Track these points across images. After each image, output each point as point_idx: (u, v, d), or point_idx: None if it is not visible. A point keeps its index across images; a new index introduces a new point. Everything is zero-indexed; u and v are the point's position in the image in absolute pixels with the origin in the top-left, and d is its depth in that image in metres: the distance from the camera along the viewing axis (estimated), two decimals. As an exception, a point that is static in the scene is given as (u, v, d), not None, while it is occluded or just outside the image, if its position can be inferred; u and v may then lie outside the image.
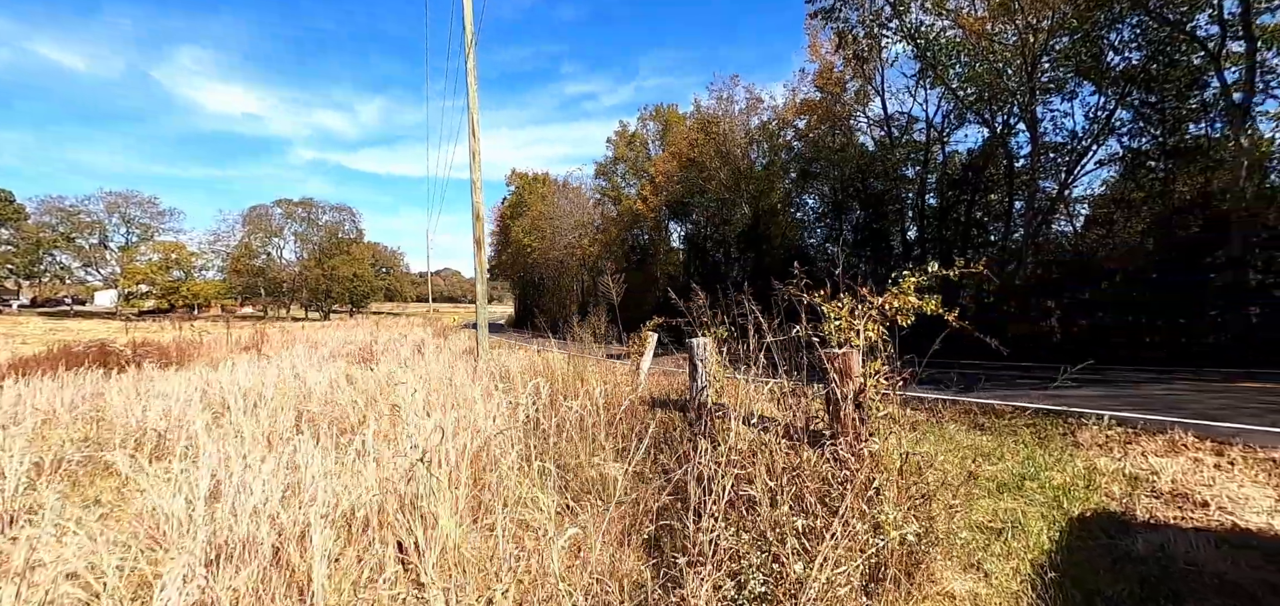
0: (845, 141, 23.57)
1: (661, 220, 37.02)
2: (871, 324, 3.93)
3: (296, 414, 7.38)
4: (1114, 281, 15.21)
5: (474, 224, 15.15)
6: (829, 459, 3.39)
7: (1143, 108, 15.22)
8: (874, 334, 3.91)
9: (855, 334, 3.87)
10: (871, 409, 3.66)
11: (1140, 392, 8.91)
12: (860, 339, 3.84)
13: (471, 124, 15.09)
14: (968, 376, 11.87)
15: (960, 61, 17.83)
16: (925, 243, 20.57)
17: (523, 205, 63.96)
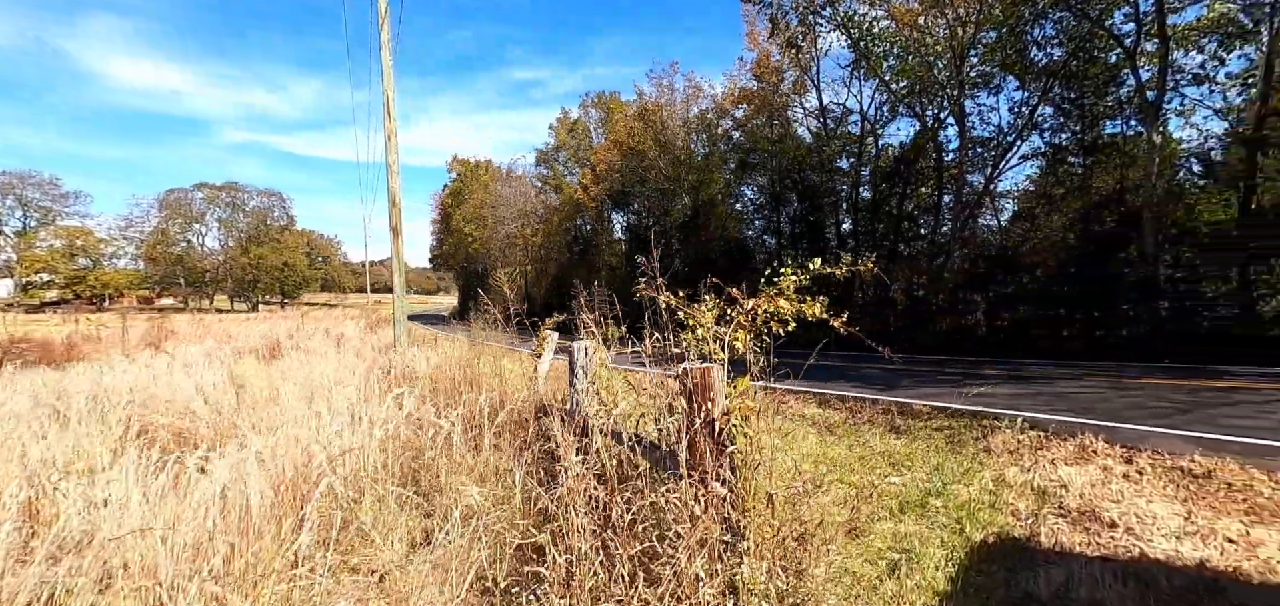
0: (783, 132, 23.33)
1: (603, 210, 36.20)
2: (741, 332, 3.29)
3: (140, 427, 6.30)
4: (1035, 276, 15.42)
5: (390, 210, 14.06)
6: (676, 501, 2.73)
7: (1063, 103, 15.45)
8: (744, 344, 3.27)
9: (719, 346, 3.22)
10: (739, 435, 3.03)
11: (1056, 390, 8.77)
12: (724, 352, 3.19)
13: (387, 104, 13.95)
14: (893, 372, 11.67)
15: (893, 54, 17.73)
16: (859, 235, 20.55)
17: (464, 193, 61.85)
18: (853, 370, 12.74)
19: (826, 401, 9.22)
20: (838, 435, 7.22)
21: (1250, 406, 6.93)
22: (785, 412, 8.71)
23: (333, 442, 5.05)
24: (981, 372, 11.19)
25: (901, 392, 9.43)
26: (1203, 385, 8.48)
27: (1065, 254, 15.00)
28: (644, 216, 33.61)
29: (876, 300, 19.49)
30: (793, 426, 7.77)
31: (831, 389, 10.29)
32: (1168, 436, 5.83)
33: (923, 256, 18.42)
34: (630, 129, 29.17)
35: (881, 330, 18.01)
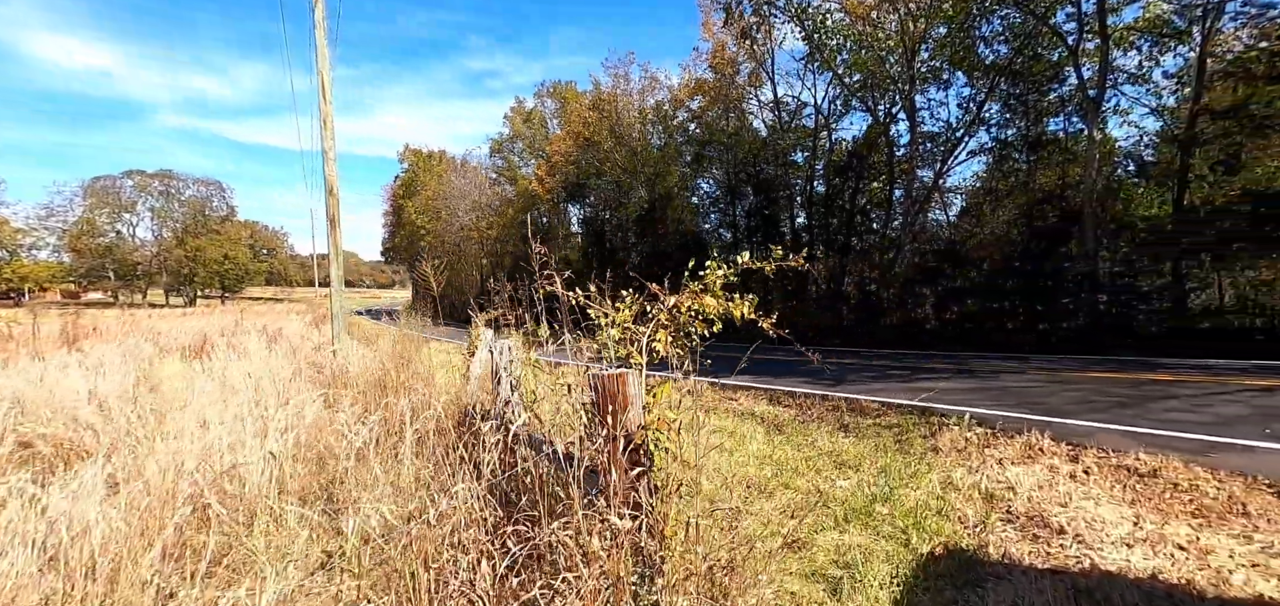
0: (738, 125, 23.18)
1: (559, 202, 35.49)
2: (662, 332, 2.90)
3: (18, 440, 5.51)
4: (982, 270, 15.65)
5: (327, 199, 13.21)
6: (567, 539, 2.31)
7: (1009, 99, 15.70)
8: (665, 346, 2.88)
9: (637, 350, 2.82)
10: (659, 451, 2.63)
11: (1002, 384, 8.74)
12: (643, 355, 2.79)
13: (322, 86, 13.06)
14: (845, 367, 11.57)
15: (846, 47, 17.72)
16: (814, 229, 20.58)
17: (417, 184, 59.99)
18: (804, 363, 12.60)
19: (777, 398, 9.00)
20: (786, 434, 6.97)
21: (1186, 400, 6.97)
22: (734, 410, 8.44)
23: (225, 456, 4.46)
24: (931, 366, 11.19)
25: (852, 388, 9.28)
26: (1142, 378, 8.59)
27: (1010, 248, 15.26)
28: (600, 209, 33.09)
29: (830, 294, 19.55)
30: (740, 425, 7.51)
31: (783, 384, 10.09)
32: (1112, 432, 5.76)
33: (875, 251, 18.54)
34: (585, 120, 28.56)
35: (835, 324, 18.07)
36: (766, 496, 4.95)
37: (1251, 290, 11.75)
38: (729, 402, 9.11)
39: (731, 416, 7.98)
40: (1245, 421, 5.79)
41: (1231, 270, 12.02)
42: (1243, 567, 3.22)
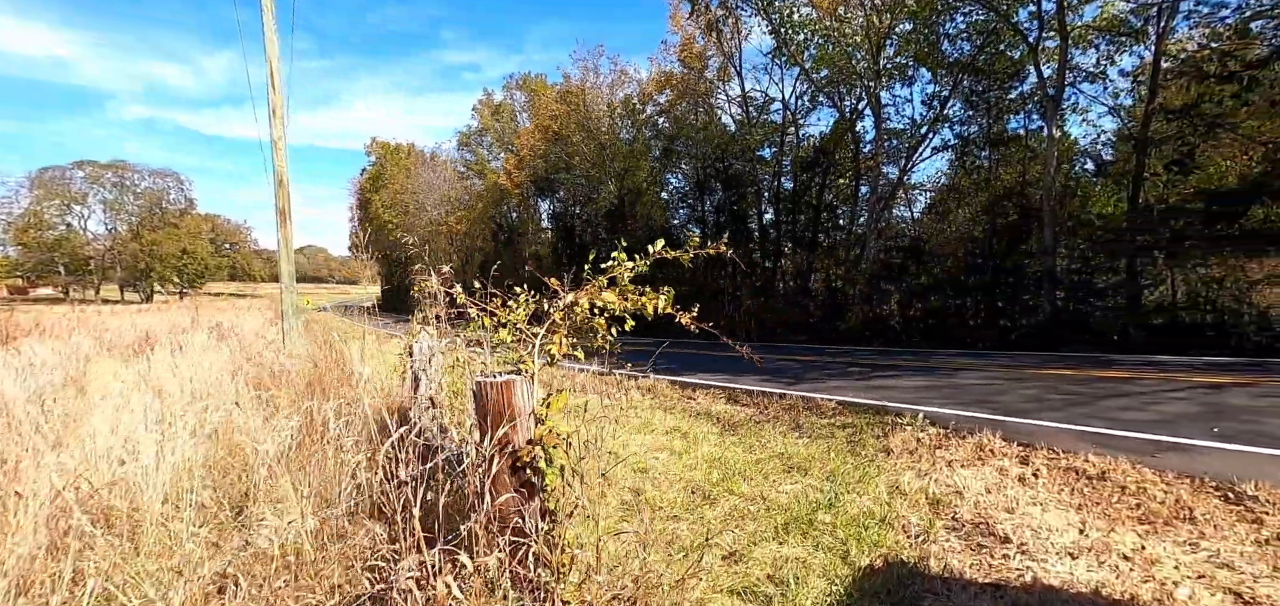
0: (707, 120, 22.98)
1: (528, 197, 34.93)
2: (559, 333, 2.60)
3: None
4: (945, 266, 15.71)
5: (276, 191, 12.62)
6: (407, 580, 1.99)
7: (972, 96, 15.77)
8: (560, 349, 2.58)
9: (529, 353, 2.52)
10: (552, 471, 2.33)
11: (959, 382, 8.66)
12: (534, 361, 2.49)
13: (270, 73, 12.48)
14: (807, 365, 11.44)
15: (813, 42, 17.62)
16: (781, 225, 20.50)
17: (384, 178, 58.67)
18: (767, 361, 12.46)
19: (736, 396, 8.78)
20: (740, 434, 6.74)
21: (1138, 397, 6.94)
22: (692, 409, 8.21)
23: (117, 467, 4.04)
24: (892, 364, 11.11)
25: (811, 386, 9.13)
26: (1096, 375, 8.58)
27: (972, 245, 15.34)
28: (570, 204, 32.65)
29: (798, 291, 19.49)
30: (695, 425, 7.27)
31: (744, 382, 9.91)
32: (1063, 431, 5.65)
33: (841, 247, 18.52)
34: (553, 112, 28.07)
35: (802, 321, 18.00)
36: (710, 503, 4.70)
37: (1202, 287, 11.95)
38: (687, 402, 8.88)
39: (687, 416, 7.75)
40: (1193, 420, 5.73)
41: (1183, 267, 12.21)
42: (1188, 580, 3.05)
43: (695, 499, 4.79)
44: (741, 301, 19.95)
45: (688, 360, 13.33)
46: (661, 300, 3.02)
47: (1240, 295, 11.35)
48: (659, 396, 9.46)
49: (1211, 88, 11.30)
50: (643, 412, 8.06)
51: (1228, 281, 11.70)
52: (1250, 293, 11.31)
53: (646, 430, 7.10)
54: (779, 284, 20.11)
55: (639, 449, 6.14)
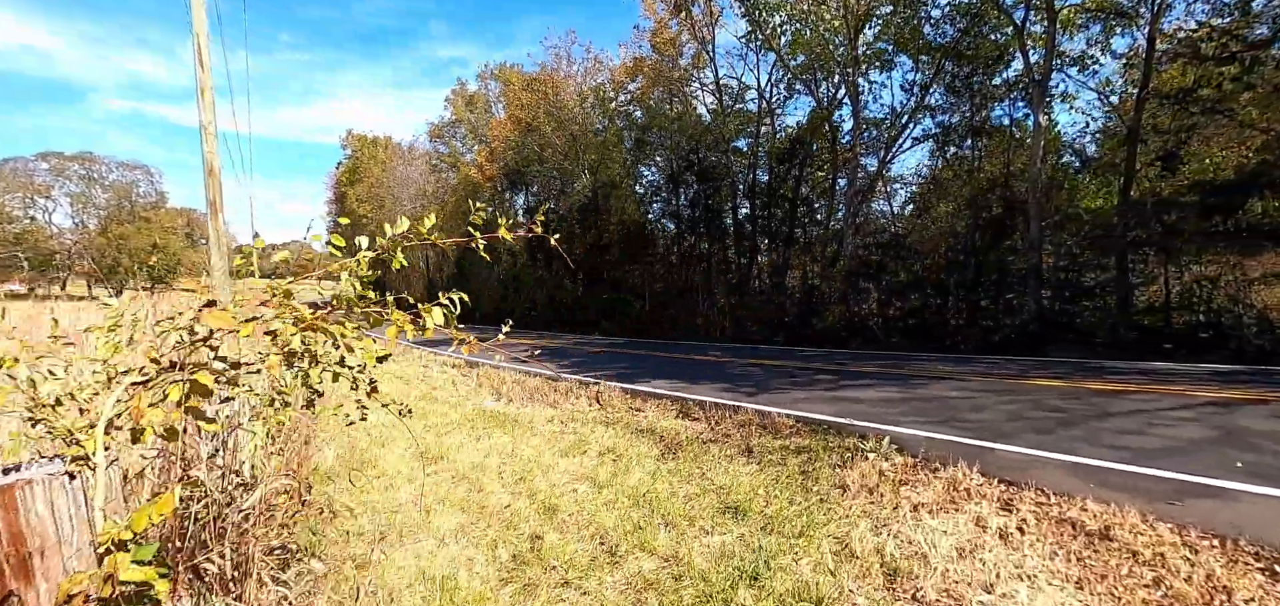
0: (682, 109, 21.94)
1: (501, 190, 33.67)
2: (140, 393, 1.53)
3: None
4: (925, 263, 14.81)
5: (207, 181, 11.41)
6: None
7: (954, 83, 14.86)
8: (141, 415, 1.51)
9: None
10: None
11: (935, 393, 7.69)
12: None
13: (197, 49, 11.22)
14: (773, 371, 10.44)
15: (789, 26, 16.63)
16: (757, 220, 19.51)
17: (360, 171, 57.01)
18: (732, 366, 11.47)
19: (689, 410, 7.75)
20: (681, 458, 5.71)
21: (1135, 416, 6.00)
22: (637, 425, 7.17)
23: None
24: (865, 370, 10.15)
25: (773, 396, 8.15)
26: (1088, 387, 7.65)
27: (954, 241, 14.45)
28: (543, 198, 31.48)
29: (773, 288, 18.54)
30: (634, 444, 6.26)
31: (701, 391, 8.94)
32: (1054, 463, 4.68)
33: (818, 243, 17.59)
34: (521, 101, 26.86)
35: (777, 320, 17.04)
36: (614, 563, 3.68)
37: (1197, 286, 11.12)
38: (635, 415, 7.84)
39: (629, 432, 6.72)
40: (1207, 448, 4.79)
41: (1177, 265, 11.37)
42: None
43: (600, 554, 3.78)
44: (716, 299, 18.97)
45: (656, 364, 12.33)
46: (437, 313, 1.98)
47: (1237, 295, 10.52)
48: (607, 408, 8.45)
49: (1210, 71, 10.44)
50: (581, 428, 7.04)
51: (1223, 280, 10.87)
52: (1248, 292, 10.49)
53: (578, 450, 6.07)
54: (754, 281, 19.14)
55: (562, 477, 5.13)
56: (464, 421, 7.36)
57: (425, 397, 9.52)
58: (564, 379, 10.80)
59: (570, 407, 8.54)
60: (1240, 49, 9.92)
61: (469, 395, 9.99)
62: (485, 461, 5.61)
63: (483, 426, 7.09)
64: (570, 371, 11.92)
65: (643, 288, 22.43)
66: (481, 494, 4.80)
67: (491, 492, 4.81)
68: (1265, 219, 10.72)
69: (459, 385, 10.96)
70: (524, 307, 30.64)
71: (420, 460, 5.80)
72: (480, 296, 37.45)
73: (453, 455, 5.86)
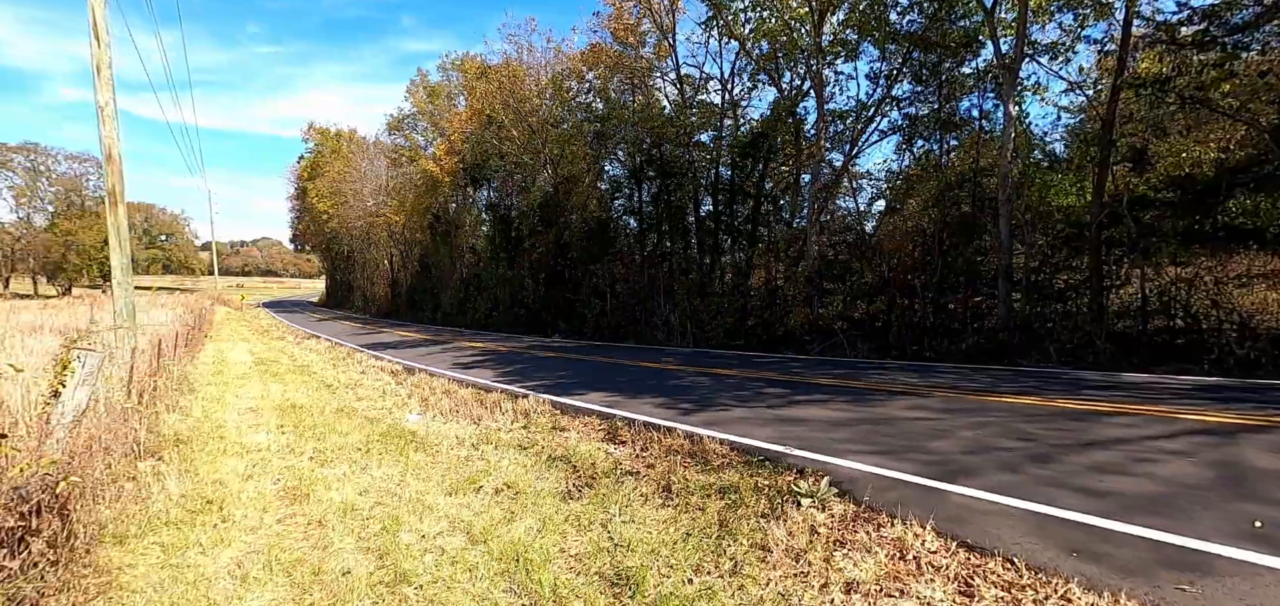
0: (645, 101, 20.91)
1: (461, 185, 32.29)
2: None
3: None
4: (892, 264, 13.99)
5: (107, 169, 10.16)
6: None
7: (922, 73, 14.04)
8: None
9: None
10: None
11: (891, 414, 6.75)
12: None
13: (93, 22, 9.95)
14: (721, 382, 9.43)
15: (754, 11, 15.68)
16: (719, 218, 18.56)
17: (322, 166, 54.90)
18: (681, 375, 10.49)
19: (618, 431, 6.74)
20: (587, 499, 4.76)
21: (1121, 447, 5.11)
22: (554, 449, 6.13)
23: None
24: (819, 381, 9.22)
25: (712, 414, 7.18)
26: (1062, 407, 6.78)
27: (921, 240, 13.65)
28: (506, 194, 30.23)
29: (735, 290, 17.61)
30: (545, 474, 5.30)
31: (637, 406, 7.97)
32: (1023, 515, 3.74)
33: (782, 242, 16.69)
34: (478, 91, 25.59)
35: (739, 324, 16.11)
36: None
37: (1174, 288, 10.43)
38: (556, 435, 6.84)
39: (541, 461, 5.74)
40: (1209, 494, 3.89)
41: (1153, 266, 10.66)
42: None
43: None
44: (678, 301, 17.97)
45: (602, 373, 11.32)
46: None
47: (1218, 299, 9.83)
48: (531, 424, 7.45)
49: (1188, 58, 9.73)
50: (492, 453, 6.02)
51: (1201, 281, 10.19)
52: (1228, 296, 9.80)
53: (471, 486, 5.07)
54: (717, 283, 18.20)
55: (436, 526, 4.16)
56: (363, 445, 6.34)
57: (341, 411, 8.46)
58: (497, 389, 9.85)
59: (492, 424, 7.57)
60: (1222, 34, 9.22)
61: (394, 407, 8.95)
62: (357, 502, 4.60)
63: (380, 451, 6.08)
64: (508, 380, 10.95)
65: (604, 288, 21.38)
66: (326, 552, 3.79)
67: (340, 551, 3.80)
68: (1244, 217, 10.07)
69: (387, 395, 9.92)
70: (485, 308, 29.40)
71: (285, 498, 4.77)
72: (441, 296, 36.07)
73: (322, 492, 4.85)
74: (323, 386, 10.89)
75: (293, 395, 9.90)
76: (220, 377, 12.11)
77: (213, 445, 6.54)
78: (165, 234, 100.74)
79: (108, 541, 3.85)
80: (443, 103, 35.68)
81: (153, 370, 9.63)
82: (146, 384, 8.61)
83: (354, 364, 14.34)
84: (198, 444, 6.64)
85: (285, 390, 10.46)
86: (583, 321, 21.18)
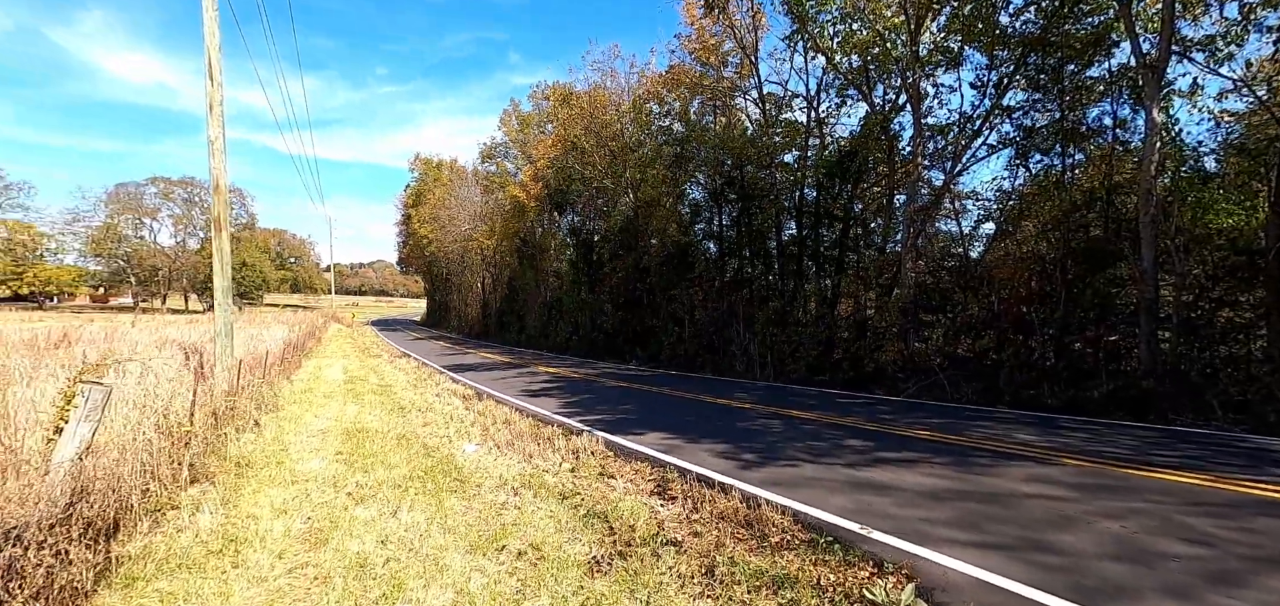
0: (726, 121, 20.16)
1: (546, 210, 32.88)
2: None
3: None
4: (1003, 296, 12.23)
5: (214, 198, 10.92)
6: None
7: (1039, 79, 12.27)
8: None
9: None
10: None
11: (1004, 485, 5.48)
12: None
13: (209, 66, 10.77)
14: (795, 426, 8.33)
15: (839, 22, 14.59)
16: (804, 242, 17.32)
17: (425, 193, 58.49)
18: (752, 416, 9.51)
19: (669, 484, 6.04)
20: (616, 575, 4.17)
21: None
22: (595, 501, 5.54)
23: None
24: (911, 432, 7.94)
25: (777, 469, 6.26)
26: (1240, 490, 5.24)
27: (1039, 266, 11.84)
28: (587, 218, 30.37)
29: (820, 320, 16.26)
30: (578, 535, 4.81)
31: (696, 453, 7.19)
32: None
33: (872, 270, 15.22)
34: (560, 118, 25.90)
35: (825, 359, 14.80)
36: None
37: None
38: (602, 483, 6.24)
39: (578, 516, 5.25)
40: None
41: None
42: None
43: None
44: (757, 331, 16.88)
45: (669, 407, 10.62)
46: None
47: None
48: (578, 466, 6.93)
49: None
50: (530, 500, 5.56)
51: None
52: None
53: (494, 544, 4.65)
54: (800, 311, 16.93)
55: (441, 598, 3.67)
56: (404, 482, 6.15)
57: (402, 438, 8.42)
58: (556, 422, 9.45)
59: (542, 463, 7.17)
60: None
61: (455, 435, 8.77)
62: (372, 556, 4.26)
63: (418, 491, 5.79)
64: (570, 411, 10.57)
65: (682, 314, 20.65)
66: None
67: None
68: None
69: (453, 422, 9.81)
70: (566, 332, 29.52)
71: (307, 541, 4.50)
72: (526, 318, 36.80)
73: (343, 539, 4.64)
74: (396, 409, 10.98)
75: (365, 418, 9.97)
76: (308, 395, 12.57)
77: (268, 471, 6.49)
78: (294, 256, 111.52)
79: (113, 585, 3.60)
80: (531, 131, 36.77)
81: (233, 389, 10.02)
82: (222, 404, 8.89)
83: (432, 385, 14.54)
84: (256, 468, 6.63)
85: (360, 412, 10.59)
86: (659, 348, 20.56)
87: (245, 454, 7.22)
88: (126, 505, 4.33)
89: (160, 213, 76.77)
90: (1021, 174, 13.39)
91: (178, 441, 6.19)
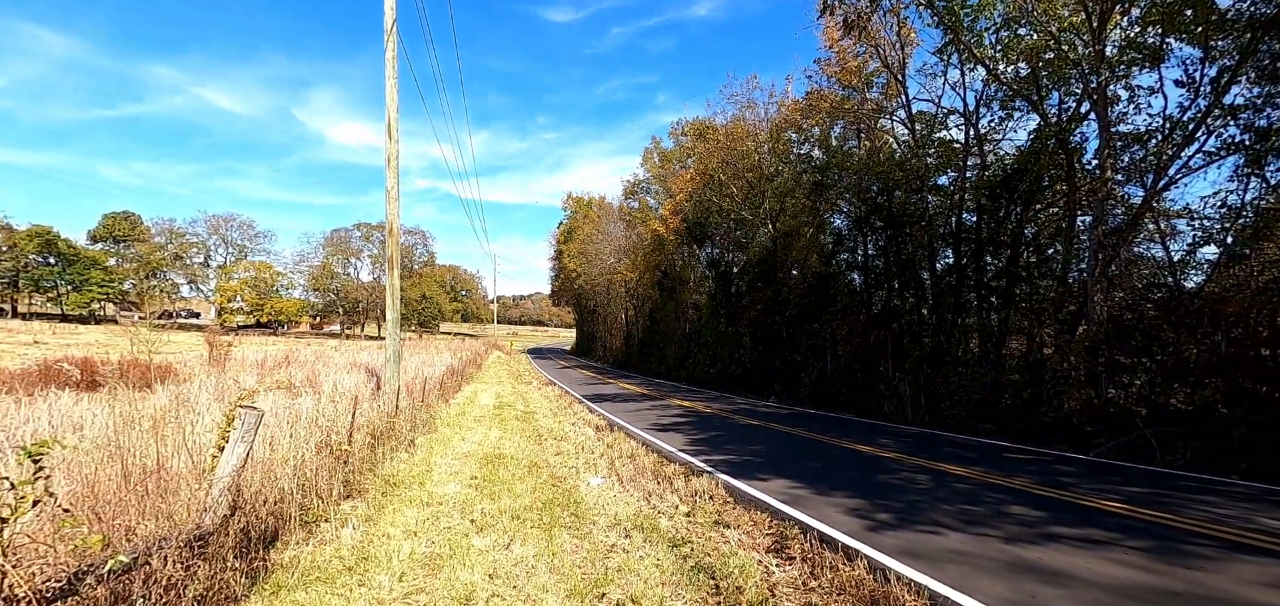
0: (870, 145, 18.96)
1: (683, 243, 33.24)
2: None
3: None
4: (1231, 336, 9.87)
5: (388, 239, 12.74)
6: None
7: (1276, 65, 9.85)
8: None
9: None
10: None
11: (1233, 593, 4.30)
12: None
13: (388, 124, 12.69)
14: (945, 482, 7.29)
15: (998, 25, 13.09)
16: (964, 272, 15.53)
17: (575, 230, 62.38)
18: (895, 467, 8.59)
19: (788, 541, 5.68)
20: None
21: None
22: (703, 556, 5.39)
23: None
24: (1100, 503, 6.60)
25: (915, 535, 5.56)
26: None
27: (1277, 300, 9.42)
28: (725, 250, 30.17)
29: (983, 360, 14.39)
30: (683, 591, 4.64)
31: (825, 507, 6.69)
32: None
33: (1049, 303, 13.16)
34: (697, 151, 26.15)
35: (988, 401, 13.06)
36: None
37: None
38: (718, 533, 6.05)
39: (685, 570, 5.21)
40: None
41: None
42: None
43: None
44: (907, 370, 15.40)
45: (802, 450, 10.06)
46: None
47: None
48: (695, 511, 6.80)
49: None
50: (642, 545, 5.59)
51: None
52: None
53: (593, 592, 4.72)
54: (959, 349, 15.15)
55: None
56: (523, 512, 6.43)
57: (533, 466, 8.88)
58: (680, 459, 9.37)
59: (660, 503, 7.18)
60: None
61: (583, 466, 9.08)
62: (477, 589, 4.62)
63: (534, 524, 6.04)
64: (696, 449, 10.44)
65: (824, 349, 19.53)
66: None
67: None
68: None
69: (582, 452, 10.17)
70: (704, 364, 29.38)
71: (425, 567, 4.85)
72: (666, 350, 37.30)
73: (456, 568, 4.96)
74: (535, 436, 11.57)
75: (505, 443, 10.60)
76: (461, 418, 13.74)
77: (410, 491, 7.09)
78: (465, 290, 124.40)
79: (263, 592, 4.05)
80: (672, 166, 37.67)
81: (394, 411, 11.24)
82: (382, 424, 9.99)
83: (570, 414, 15.21)
84: (401, 488, 7.29)
85: (502, 437, 11.30)
86: (799, 385, 19.59)
87: (396, 472, 7.96)
88: (285, 516, 4.94)
89: (362, 253, 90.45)
90: (1255, 185, 10.80)
91: (337, 458, 7.01)
